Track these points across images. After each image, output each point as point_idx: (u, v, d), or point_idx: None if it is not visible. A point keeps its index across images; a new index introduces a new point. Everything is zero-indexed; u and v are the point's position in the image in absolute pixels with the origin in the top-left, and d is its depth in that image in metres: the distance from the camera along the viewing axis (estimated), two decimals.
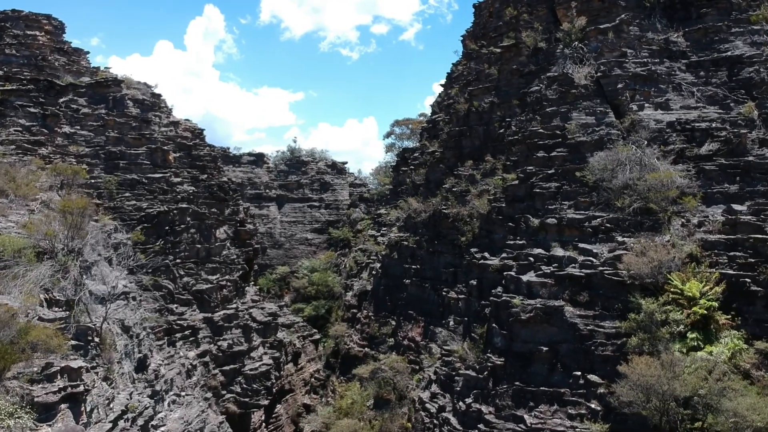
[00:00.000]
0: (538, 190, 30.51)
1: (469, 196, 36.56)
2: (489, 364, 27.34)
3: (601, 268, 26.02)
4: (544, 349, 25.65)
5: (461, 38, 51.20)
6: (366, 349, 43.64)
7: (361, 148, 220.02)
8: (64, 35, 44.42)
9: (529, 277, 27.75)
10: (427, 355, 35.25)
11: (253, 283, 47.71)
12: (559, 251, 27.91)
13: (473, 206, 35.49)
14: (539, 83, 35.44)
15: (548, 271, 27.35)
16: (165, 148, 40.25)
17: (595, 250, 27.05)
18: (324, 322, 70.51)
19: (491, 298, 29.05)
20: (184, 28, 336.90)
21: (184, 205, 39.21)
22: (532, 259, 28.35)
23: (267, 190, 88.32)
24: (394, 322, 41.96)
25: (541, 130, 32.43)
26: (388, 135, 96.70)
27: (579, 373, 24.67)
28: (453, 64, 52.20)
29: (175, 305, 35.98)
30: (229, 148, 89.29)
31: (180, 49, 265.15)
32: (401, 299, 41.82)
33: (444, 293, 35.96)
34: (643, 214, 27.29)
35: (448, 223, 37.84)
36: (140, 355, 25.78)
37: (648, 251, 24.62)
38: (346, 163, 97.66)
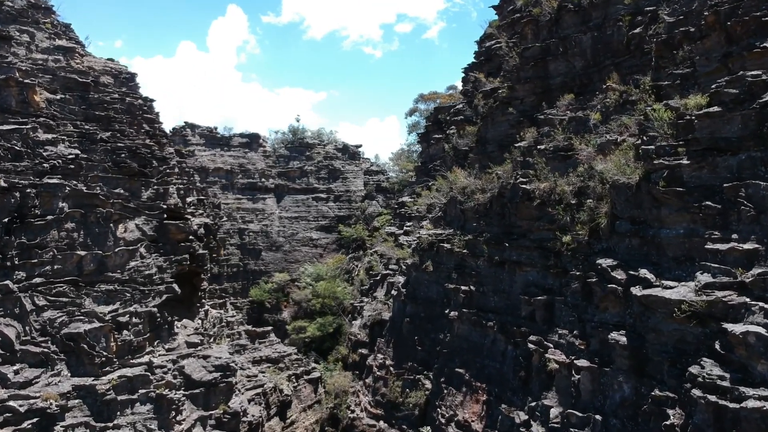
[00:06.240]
0: None
1: (579, 156, 18.71)
2: None
3: None
4: None
5: None
6: (381, 422, 26.17)
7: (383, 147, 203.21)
8: None
9: None
10: None
11: (206, 308, 30.19)
12: None
13: (591, 173, 17.62)
14: None
15: None
16: (27, 81, 23.04)
17: None
18: (332, 344, 55.39)
19: (696, 391, 11.14)
20: (207, 28, 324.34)
21: (55, 180, 22.01)
22: None
23: (263, 179, 72.84)
24: (429, 384, 24.31)
25: None
26: (411, 113, 80.00)
27: None
28: None
29: (15, 367, 18.81)
30: (216, 128, 72.85)
31: (203, 50, 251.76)
32: (441, 343, 24.14)
33: (530, 345, 18.20)
34: None
35: (532, 209, 20.01)
36: None
37: None
38: (360, 146, 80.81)
